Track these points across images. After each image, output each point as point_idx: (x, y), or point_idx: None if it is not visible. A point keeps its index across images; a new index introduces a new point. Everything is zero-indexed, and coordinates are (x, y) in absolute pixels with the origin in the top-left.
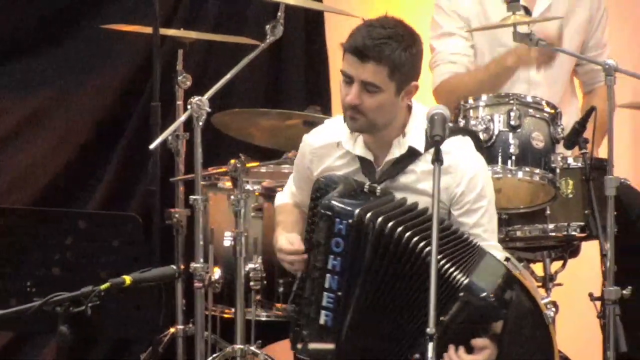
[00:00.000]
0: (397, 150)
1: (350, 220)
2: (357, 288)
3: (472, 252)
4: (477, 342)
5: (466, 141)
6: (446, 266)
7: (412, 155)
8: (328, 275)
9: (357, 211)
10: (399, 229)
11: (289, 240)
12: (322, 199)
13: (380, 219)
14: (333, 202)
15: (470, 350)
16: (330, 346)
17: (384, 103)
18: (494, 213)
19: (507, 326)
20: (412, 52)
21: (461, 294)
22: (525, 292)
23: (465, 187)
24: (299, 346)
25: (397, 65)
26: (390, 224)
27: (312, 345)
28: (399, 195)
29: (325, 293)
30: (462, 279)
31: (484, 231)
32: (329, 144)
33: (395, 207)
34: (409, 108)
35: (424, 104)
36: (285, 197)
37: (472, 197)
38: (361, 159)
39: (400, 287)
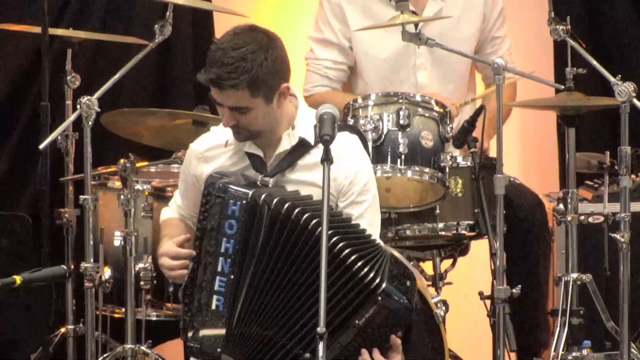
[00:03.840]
0: (287, 142)
1: (244, 202)
2: (249, 271)
3: (378, 249)
4: (395, 340)
5: (354, 138)
6: (358, 264)
7: (302, 146)
8: (221, 258)
9: (251, 192)
10: (297, 210)
11: (174, 242)
12: (215, 185)
13: (275, 200)
14: (227, 185)
15: (383, 352)
16: (221, 331)
17: (257, 116)
18: (378, 211)
19: (411, 331)
20: (271, 61)
21: (379, 297)
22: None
23: (353, 178)
24: (190, 334)
25: (257, 82)
26: (287, 205)
27: (203, 332)
28: (290, 189)
29: (217, 277)
30: (377, 279)
31: (369, 224)
32: (216, 146)
33: (289, 194)
34: (294, 103)
35: None
36: (171, 211)
37: (358, 188)
38: (250, 156)
39: (297, 273)
